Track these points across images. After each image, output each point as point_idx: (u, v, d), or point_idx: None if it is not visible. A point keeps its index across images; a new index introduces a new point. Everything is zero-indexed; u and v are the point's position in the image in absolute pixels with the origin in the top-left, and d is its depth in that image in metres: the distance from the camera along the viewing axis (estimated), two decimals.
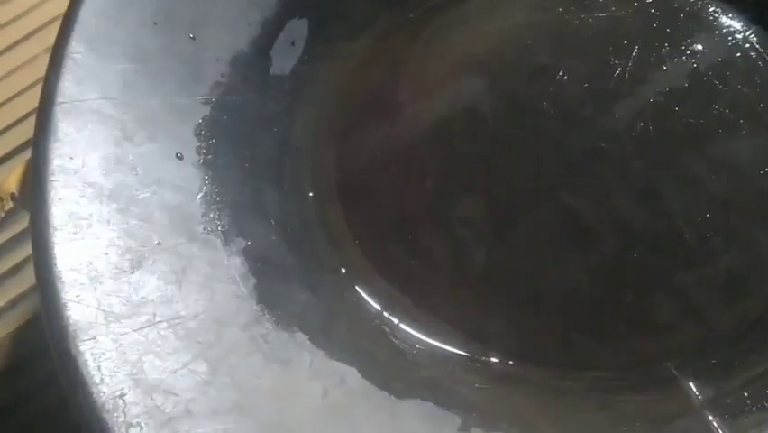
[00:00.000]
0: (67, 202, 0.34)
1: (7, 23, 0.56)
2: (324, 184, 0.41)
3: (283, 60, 0.42)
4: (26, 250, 0.50)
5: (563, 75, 0.42)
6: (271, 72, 0.41)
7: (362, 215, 0.41)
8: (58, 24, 0.53)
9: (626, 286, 0.38)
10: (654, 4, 0.43)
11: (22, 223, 0.50)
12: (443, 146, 0.41)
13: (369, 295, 0.39)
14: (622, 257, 0.38)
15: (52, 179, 0.34)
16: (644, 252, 0.38)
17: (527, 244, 0.40)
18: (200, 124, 0.39)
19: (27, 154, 0.51)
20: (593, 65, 0.42)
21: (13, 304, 0.50)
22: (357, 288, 0.39)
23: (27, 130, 0.54)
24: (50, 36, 0.53)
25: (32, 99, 0.53)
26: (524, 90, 0.42)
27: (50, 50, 0.38)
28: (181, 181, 0.38)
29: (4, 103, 0.55)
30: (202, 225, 0.37)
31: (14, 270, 0.51)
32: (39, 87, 0.37)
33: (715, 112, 0.41)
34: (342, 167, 0.42)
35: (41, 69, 0.53)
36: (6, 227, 0.51)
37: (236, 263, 0.37)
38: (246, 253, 0.37)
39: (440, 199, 0.41)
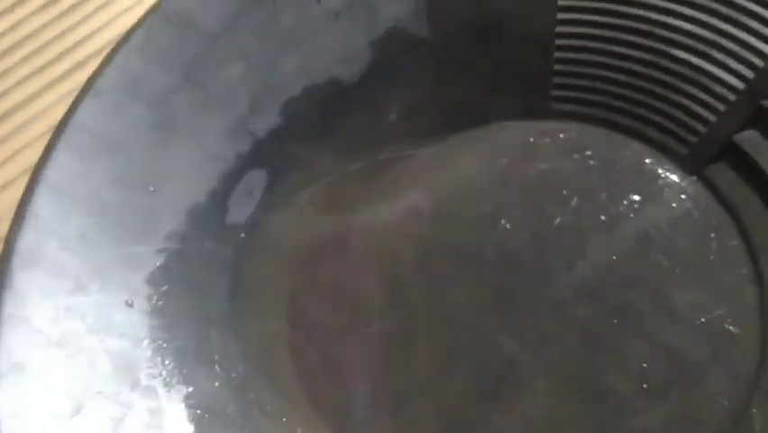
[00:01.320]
0: (14, 349, 0.36)
1: None
2: (272, 328, 0.43)
3: (240, 210, 0.44)
4: None
5: (506, 224, 0.44)
6: (227, 221, 0.44)
7: (308, 360, 0.42)
8: (36, 147, 0.56)
9: None
10: (594, 156, 0.45)
11: None
12: (390, 291, 0.43)
13: None
14: (559, 407, 0.38)
15: (2, 327, 0.36)
16: (582, 401, 0.38)
17: (468, 391, 0.40)
18: (153, 272, 0.41)
19: None
20: (535, 214, 0.44)
21: None
22: None
23: None
24: (30, 158, 0.57)
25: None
26: (468, 238, 0.44)
27: (28, 173, 0.40)
28: (129, 328, 0.39)
29: None
30: (145, 372, 0.38)
31: None
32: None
33: (651, 260, 0.42)
34: (292, 311, 0.43)
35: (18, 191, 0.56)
36: None
37: (176, 411, 0.38)
38: (187, 401, 0.38)
39: (384, 345, 0.42)
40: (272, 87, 0.46)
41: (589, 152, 0.45)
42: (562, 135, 0.46)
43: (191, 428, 0.37)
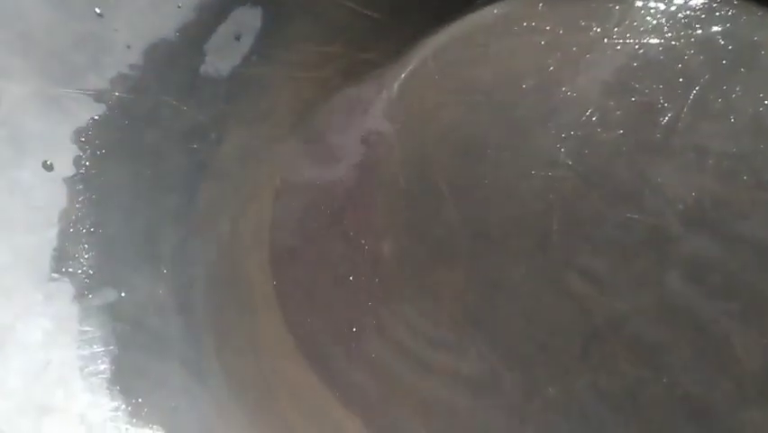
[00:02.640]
0: None
1: None
2: (251, 228, 0.31)
3: (221, 58, 0.32)
4: None
5: (591, 116, 0.31)
6: (202, 71, 0.32)
7: (297, 278, 0.30)
8: None
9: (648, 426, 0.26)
10: (725, 35, 0.32)
11: None
12: (420, 200, 0.31)
13: (287, 393, 0.28)
14: (647, 383, 0.27)
15: None
16: (683, 380, 0.27)
17: (516, 344, 0.28)
18: (86, 126, 0.29)
19: None
20: (634, 107, 0.31)
21: None
22: (273, 379, 0.28)
23: None
24: None
25: None
26: (537, 132, 0.31)
27: None
28: (42, 200, 0.28)
29: None
30: (56, 264, 0.27)
31: None
32: None
33: None
34: (281, 209, 0.31)
35: None
36: None
37: (94, 323, 0.26)
38: (113, 311, 0.27)
39: (399, 271, 0.30)
40: None
41: (717, 28, 0.32)
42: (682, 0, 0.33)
43: (113, 348, 0.26)
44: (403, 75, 0.34)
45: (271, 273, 0.29)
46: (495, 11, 0.35)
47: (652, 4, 0.33)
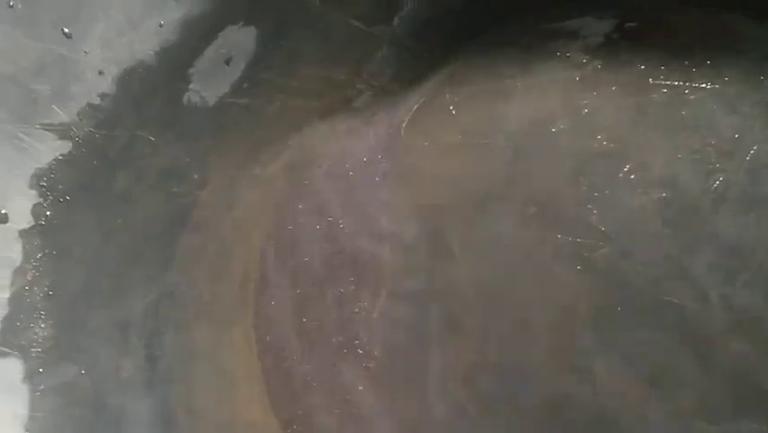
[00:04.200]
0: None
1: None
2: (235, 289, 0.27)
3: (208, 85, 0.28)
4: None
5: (630, 172, 0.27)
6: (185, 101, 0.28)
7: (286, 351, 0.27)
8: None
9: None
10: None
11: None
12: (428, 262, 0.27)
13: None
14: None
15: None
16: None
17: None
18: (48, 168, 0.25)
19: None
20: (681, 165, 0.27)
21: None
22: None
23: None
24: None
25: None
26: (566, 187, 0.27)
27: None
28: None
29: None
30: (5, 337, 0.23)
31: None
32: None
33: None
34: (271, 268, 0.28)
35: None
36: None
37: (47, 408, 0.23)
38: (70, 391, 0.24)
39: (404, 347, 0.26)
40: None
41: None
42: None
43: None
44: (415, 107, 0.30)
45: (256, 344, 0.26)
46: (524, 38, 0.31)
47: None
